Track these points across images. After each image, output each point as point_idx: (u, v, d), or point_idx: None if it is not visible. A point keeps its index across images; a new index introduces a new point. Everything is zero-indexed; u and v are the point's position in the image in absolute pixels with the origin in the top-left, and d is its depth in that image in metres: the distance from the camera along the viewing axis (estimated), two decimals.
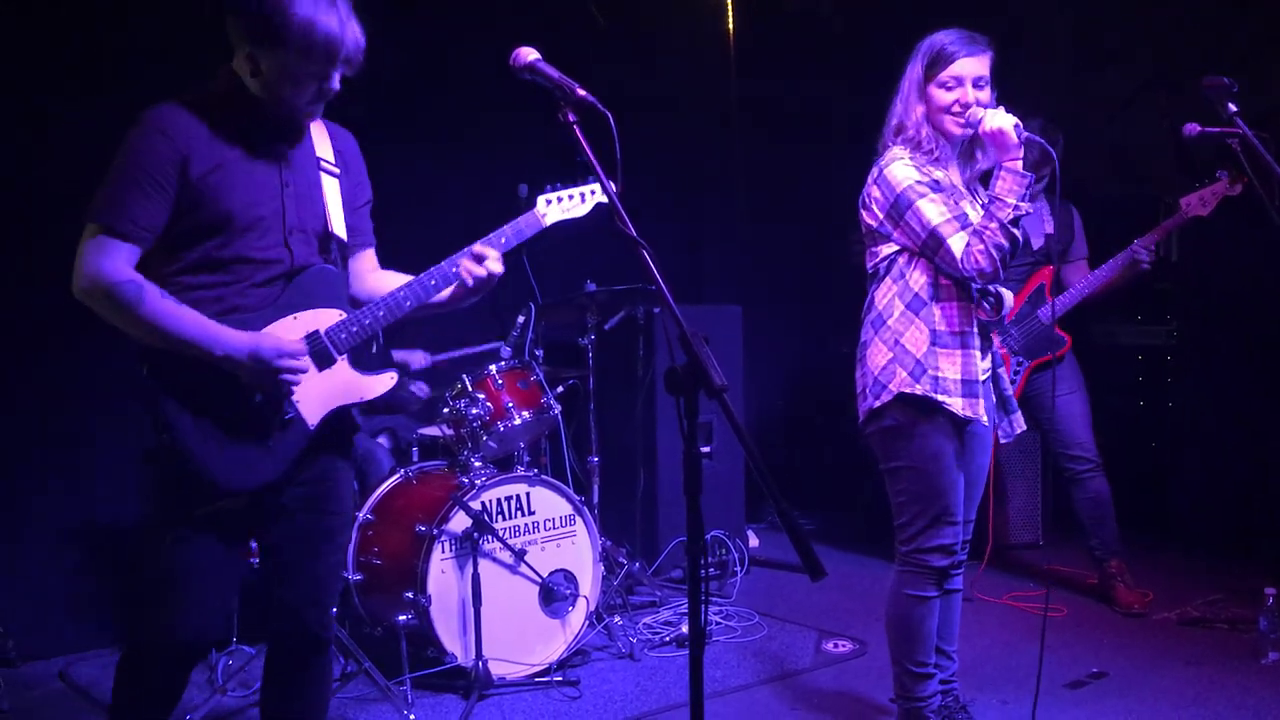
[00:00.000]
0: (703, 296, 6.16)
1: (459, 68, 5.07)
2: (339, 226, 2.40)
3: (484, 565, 3.57)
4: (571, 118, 2.00)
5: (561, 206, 2.56)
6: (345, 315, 2.36)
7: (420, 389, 4.77)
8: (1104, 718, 3.34)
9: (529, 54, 2.08)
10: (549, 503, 3.83)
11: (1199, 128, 3.28)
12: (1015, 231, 2.73)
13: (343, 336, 2.34)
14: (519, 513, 3.76)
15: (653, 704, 3.50)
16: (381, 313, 2.37)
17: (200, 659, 2.41)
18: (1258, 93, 4.20)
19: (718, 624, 4.25)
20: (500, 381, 3.91)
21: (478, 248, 2.42)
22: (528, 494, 3.79)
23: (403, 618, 3.52)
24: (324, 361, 2.32)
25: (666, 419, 4.96)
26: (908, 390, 2.82)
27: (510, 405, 3.88)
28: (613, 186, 1.93)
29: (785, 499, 1.77)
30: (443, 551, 3.58)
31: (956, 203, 2.84)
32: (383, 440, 4.45)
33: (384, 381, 2.43)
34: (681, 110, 6.12)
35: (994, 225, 2.71)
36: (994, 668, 3.73)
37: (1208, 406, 5.53)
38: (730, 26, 6.24)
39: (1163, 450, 5.72)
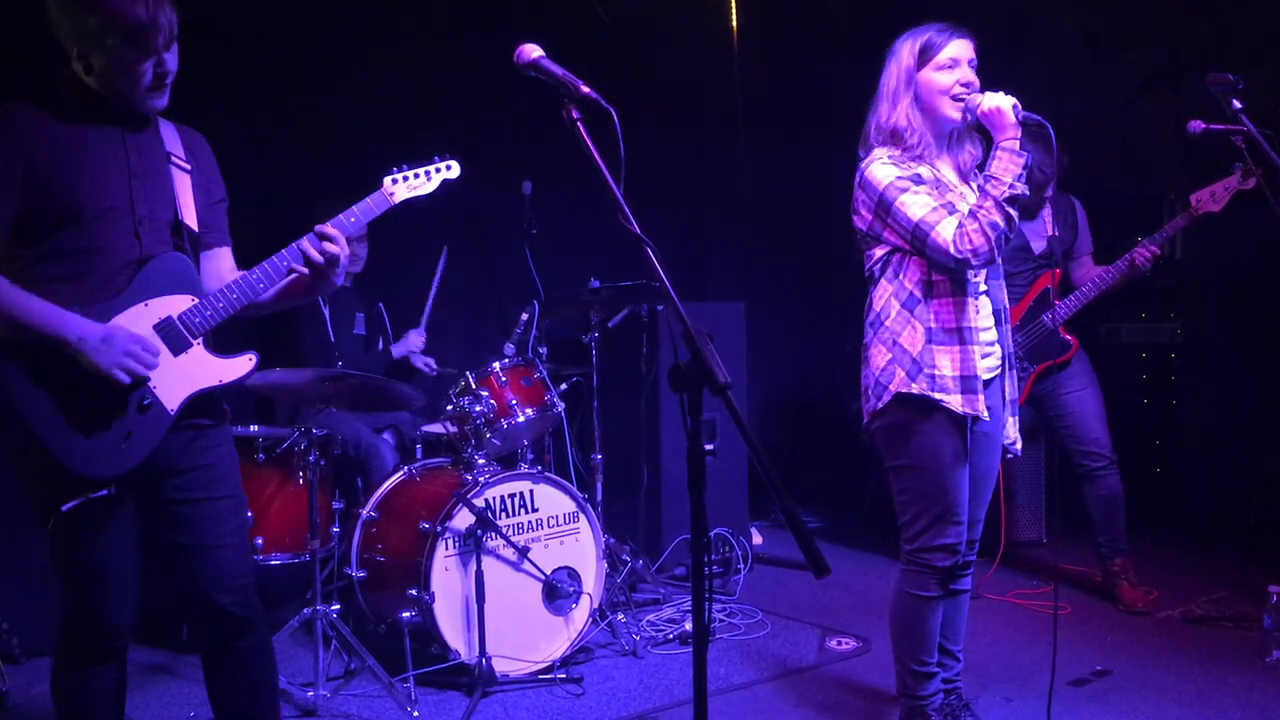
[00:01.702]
0: (706, 293, 6.17)
1: (462, 63, 5.07)
2: (190, 217, 2.43)
3: (487, 562, 3.57)
4: (575, 114, 2.00)
5: (409, 185, 2.64)
6: (198, 300, 2.38)
7: (428, 366, 4.77)
8: (1108, 715, 3.33)
9: (533, 51, 2.07)
10: (552, 500, 3.83)
11: (1204, 124, 3.28)
12: (1011, 211, 2.70)
13: (196, 321, 2.37)
14: (522, 510, 3.76)
15: (656, 701, 3.50)
16: (235, 295, 2.39)
17: (118, 646, 2.44)
18: (1267, 91, 4.20)
19: (721, 621, 4.25)
20: (504, 379, 3.91)
21: (321, 227, 2.43)
22: (531, 491, 3.79)
23: (406, 614, 3.53)
24: (179, 346, 2.35)
25: (670, 416, 4.96)
26: (904, 390, 2.82)
27: (514, 402, 3.88)
28: (615, 183, 1.92)
29: (789, 496, 1.77)
30: (446, 548, 3.58)
31: (943, 195, 2.82)
32: (387, 437, 4.46)
33: (242, 364, 2.44)
34: (685, 106, 6.12)
35: (989, 204, 2.69)
36: (998, 665, 3.73)
37: (1212, 404, 5.52)
38: (734, 22, 6.23)
39: (1167, 448, 5.71)
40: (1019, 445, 3.05)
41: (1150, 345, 5.74)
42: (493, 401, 3.85)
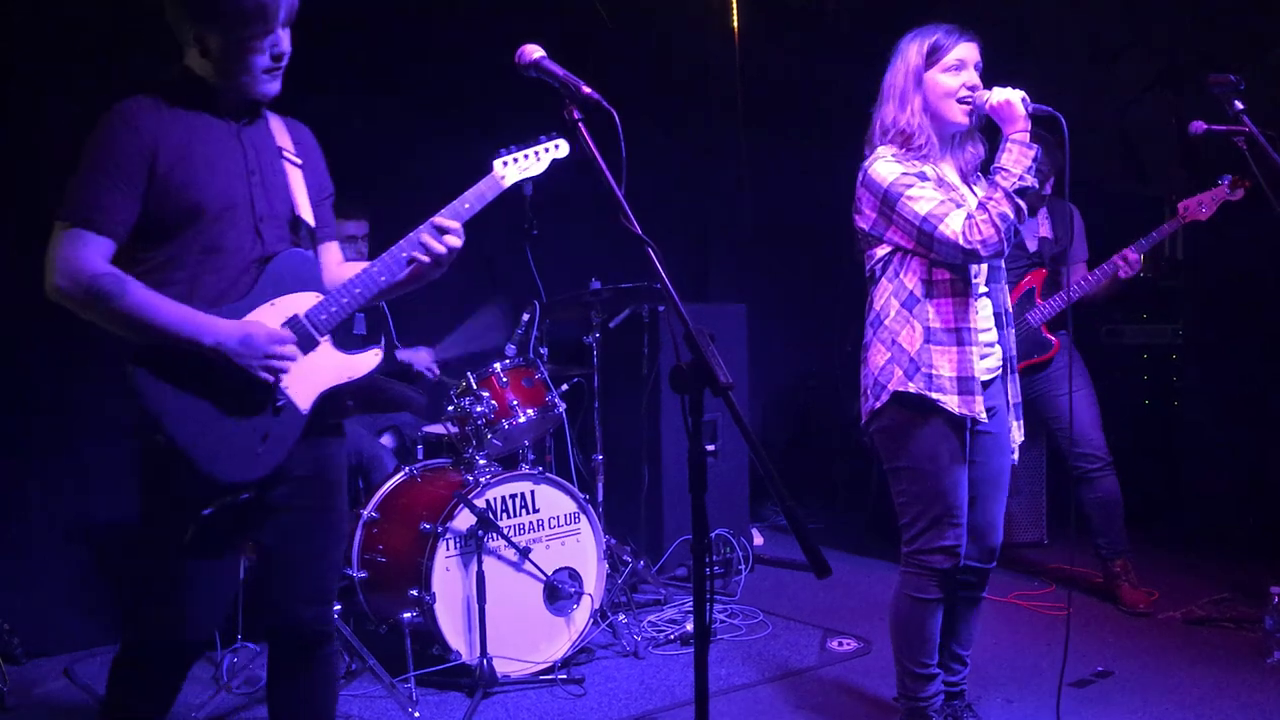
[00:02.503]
0: (708, 295, 6.16)
1: (462, 62, 5.08)
2: (306, 212, 2.40)
3: (489, 563, 3.57)
4: (577, 115, 2.00)
5: (519, 166, 2.56)
6: (323, 297, 2.35)
7: (430, 370, 4.76)
8: (1109, 716, 3.33)
9: (534, 51, 2.08)
10: (553, 501, 3.83)
11: (1205, 125, 3.27)
12: (1020, 202, 2.70)
13: (323, 318, 2.33)
14: (523, 511, 3.76)
15: (657, 702, 3.50)
16: (358, 290, 2.36)
17: (199, 657, 2.40)
18: (1270, 90, 4.19)
19: (722, 622, 4.25)
20: (505, 379, 3.91)
21: (439, 219, 2.40)
22: (532, 492, 3.79)
23: (407, 615, 3.53)
24: (307, 345, 2.32)
25: (671, 417, 4.96)
26: (902, 389, 2.82)
27: (515, 403, 3.88)
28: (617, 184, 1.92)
29: (790, 497, 1.77)
30: (447, 549, 3.58)
31: (947, 193, 2.81)
32: (387, 438, 4.46)
33: (369, 359, 2.42)
34: (687, 106, 6.12)
35: (999, 194, 2.69)
36: (999, 667, 3.72)
37: (1213, 405, 5.52)
38: (735, 23, 6.23)
39: (1169, 449, 5.71)
40: (1017, 454, 3.04)
41: (1152, 346, 5.74)
42: (494, 402, 3.85)
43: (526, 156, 2.57)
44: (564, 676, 3.67)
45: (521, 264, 4.66)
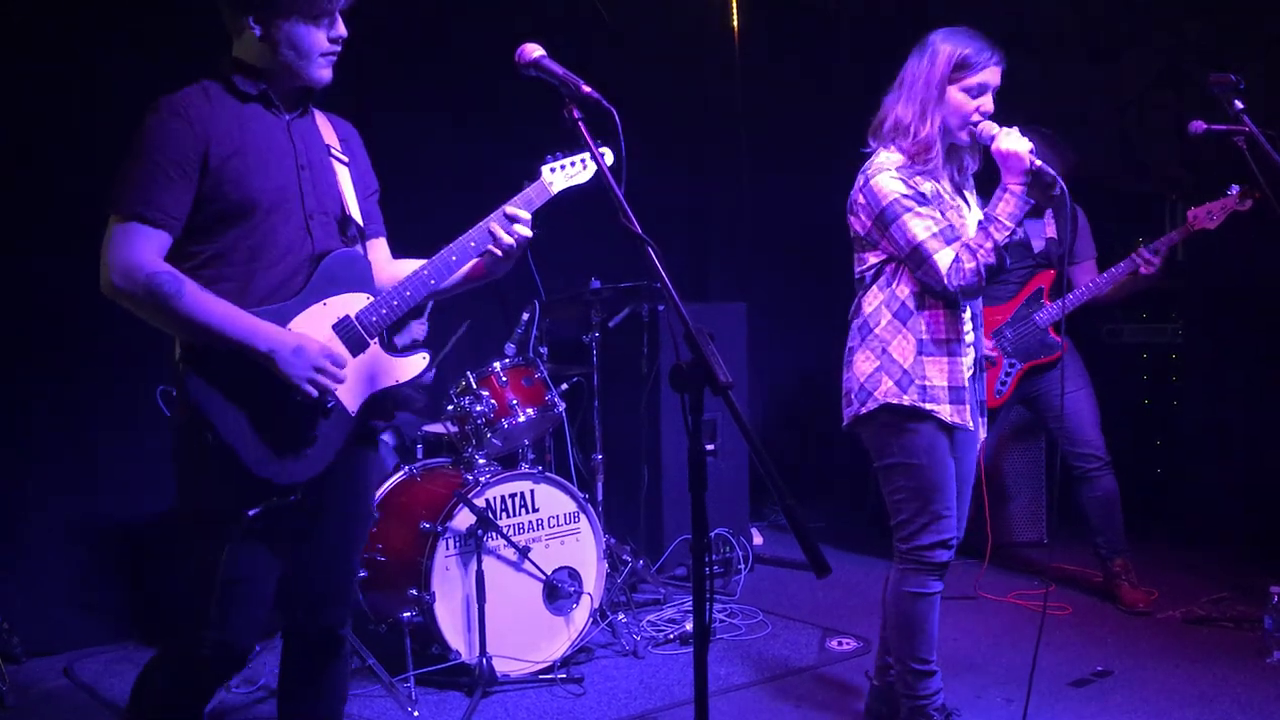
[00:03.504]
0: (707, 294, 6.16)
1: (462, 62, 5.07)
2: (355, 210, 2.37)
3: (488, 562, 3.57)
4: (576, 114, 2.00)
5: (566, 174, 2.52)
6: (374, 298, 2.33)
7: (418, 331, 4.74)
8: (1108, 716, 3.33)
9: (534, 50, 2.07)
10: (553, 500, 3.83)
11: (1205, 125, 3.27)
12: (1005, 254, 2.75)
13: (373, 320, 2.31)
14: (523, 510, 3.76)
15: (657, 701, 3.50)
16: (409, 292, 2.34)
17: (243, 666, 2.33)
18: (1268, 90, 4.19)
19: (722, 622, 4.25)
20: (504, 379, 3.91)
21: (509, 208, 2.38)
22: (532, 491, 3.79)
23: (407, 614, 3.52)
24: (358, 347, 2.30)
25: (671, 416, 4.96)
26: (894, 401, 2.85)
27: (514, 402, 3.88)
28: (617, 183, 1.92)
29: (790, 496, 1.77)
30: (447, 548, 3.58)
31: (944, 214, 2.83)
32: (387, 437, 4.45)
33: (416, 363, 2.40)
34: (686, 106, 6.11)
35: (989, 245, 2.73)
36: (998, 666, 3.72)
37: (1214, 405, 5.52)
38: (735, 23, 6.23)
39: (1169, 448, 5.71)
40: (983, 434, 3.10)
41: (1152, 346, 5.74)
42: (493, 401, 3.85)
43: (574, 164, 2.53)
44: (563, 676, 3.67)
45: (521, 263, 4.65)
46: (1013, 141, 2.71)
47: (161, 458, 2.42)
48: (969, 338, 2.94)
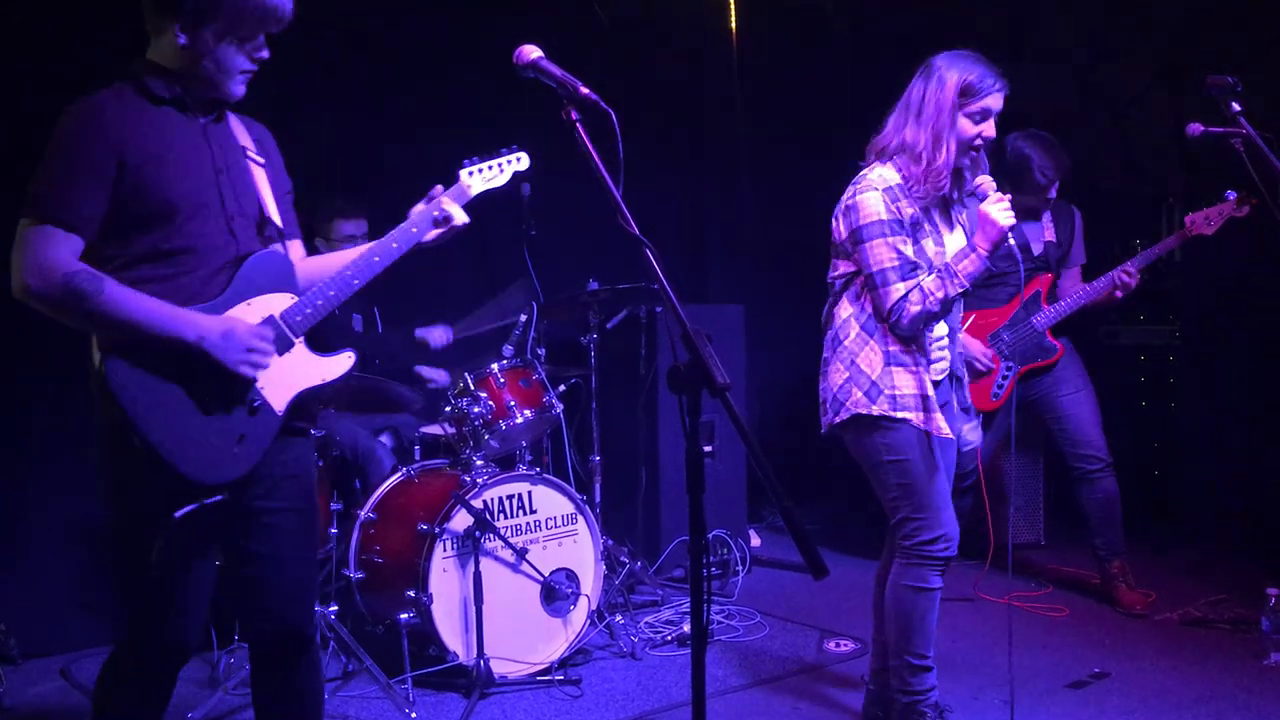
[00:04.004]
0: (705, 295, 6.16)
1: (461, 63, 5.07)
2: (273, 211, 2.38)
3: (486, 564, 3.57)
4: (575, 116, 2.00)
5: (484, 177, 2.60)
6: (297, 298, 2.34)
7: (439, 376, 4.74)
8: (1105, 717, 3.33)
9: (532, 52, 2.07)
10: (551, 501, 3.83)
11: (1202, 127, 3.28)
12: (951, 305, 2.85)
13: (298, 319, 2.32)
14: (521, 511, 3.76)
15: (654, 703, 3.50)
16: (333, 292, 2.35)
17: (186, 660, 2.36)
18: (1270, 91, 4.19)
19: (719, 623, 4.25)
20: (502, 380, 3.91)
21: (417, 222, 2.44)
22: (529, 493, 3.79)
23: (404, 616, 3.52)
24: (283, 346, 2.30)
25: (669, 418, 4.96)
26: (863, 412, 2.91)
27: (512, 404, 3.88)
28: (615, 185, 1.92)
29: (787, 497, 1.77)
30: (444, 550, 3.58)
31: (918, 242, 2.89)
32: (384, 439, 4.45)
33: (342, 362, 2.41)
34: (684, 107, 6.11)
35: (939, 294, 2.80)
36: (996, 668, 3.72)
37: (1210, 406, 5.52)
38: (733, 24, 6.23)
39: (1165, 450, 5.71)
40: (975, 437, 3.17)
41: (1148, 348, 5.74)
42: (491, 403, 3.85)
43: (491, 167, 2.62)
44: (561, 677, 3.67)
45: (519, 264, 4.66)
46: (997, 212, 2.76)
47: None
48: (943, 342, 3.00)
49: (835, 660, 3.87)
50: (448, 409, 3.89)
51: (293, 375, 2.31)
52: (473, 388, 3.86)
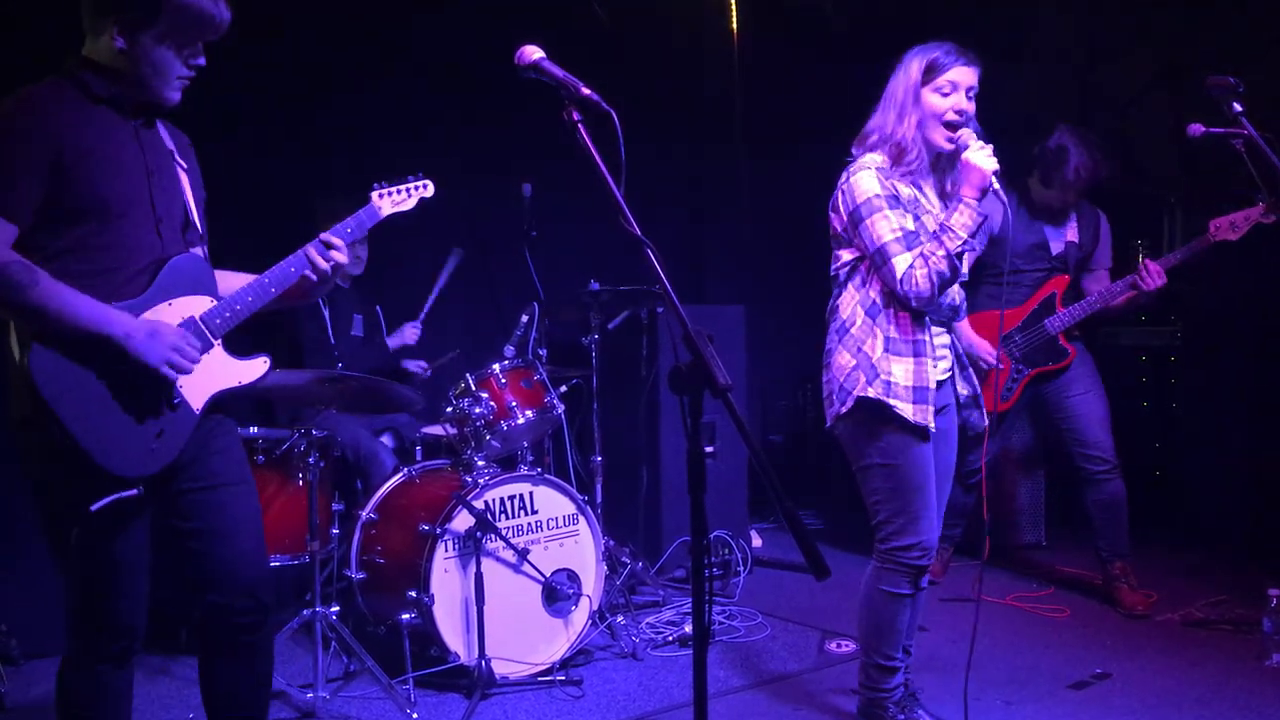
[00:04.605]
0: (706, 296, 6.16)
1: (462, 64, 5.08)
2: (196, 216, 2.44)
3: (487, 564, 3.57)
4: (576, 116, 2.00)
5: (392, 200, 2.76)
6: (216, 301, 2.39)
7: (419, 367, 4.78)
8: (1107, 718, 3.33)
9: (533, 52, 2.08)
10: (552, 502, 3.83)
11: (1204, 127, 3.28)
12: (958, 263, 2.82)
13: (217, 322, 2.38)
14: (522, 512, 3.76)
15: (656, 704, 3.50)
16: (250, 298, 2.42)
17: (131, 648, 2.39)
18: (1270, 91, 4.18)
19: (721, 624, 4.25)
20: (504, 381, 3.91)
21: (326, 235, 2.51)
22: (531, 493, 3.79)
23: (406, 616, 3.52)
24: (203, 348, 2.35)
25: (670, 418, 4.96)
26: (864, 394, 2.91)
27: (514, 404, 3.88)
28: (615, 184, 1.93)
29: (789, 498, 1.77)
30: (446, 550, 3.58)
31: (917, 218, 2.90)
32: (386, 439, 4.45)
33: (257, 367, 2.47)
34: (685, 107, 6.12)
35: (940, 253, 2.79)
36: (997, 668, 3.72)
37: (1212, 408, 5.52)
38: (734, 25, 6.23)
39: (1167, 451, 5.71)
40: (981, 421, 3.15)
41: (1150, 348, 5.74)
42: (492, 403, 3.85)
43: (399, 192, 2.77)
44: (562, 678, 3.67)
45: (520, 265, 4.67)
46: (980, 157, 2.78)
47: None
48: (944, 339, 3.01)
49: (837, 660, 3.87)
50: (449, 409, 3.89)
51: (211, 376, 2.38)
52: (474, 388, 3.86)
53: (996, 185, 2.78)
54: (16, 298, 2.10)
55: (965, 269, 2.93)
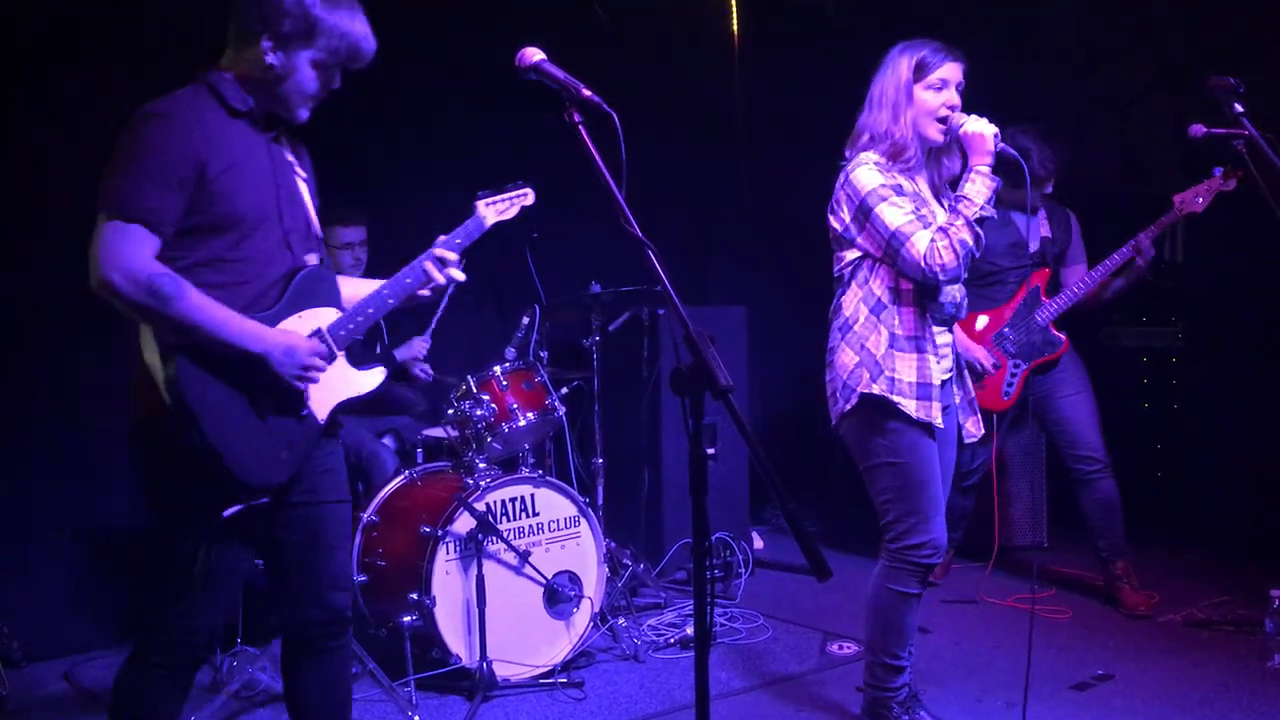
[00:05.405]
0: (707, 297, 6.16)
1: (463, 66, 5.07)
2: (318, 228, 2.48)
3: (488, 566, 3.57)
4: (577, 118, 2.01)
5: (496, 209, 2.76)
6: (342, 313, 2.43)
7: (425, 372, 4.76)
8: (1109, 719, 3.33)
9: (534, 54, 2.08)
10: (553, 504, 3.83)
11: (1205, 128, 3.28)
12: (979, 230, 2.83)
13: (341, 334, 2.41)
14: (523, 514, 3.75)
15: (657, 706, 3.50)
16: (371, 310, 2.46)
17: (205, 659, 2.44)
18: (1270, 91, 4.18)
19: (722, 626, 4.25)
20: (505, 383, 3.90)
21: (440, 251, 2.55)
22: (532, 495, 3.79)
23: (407, 619, 3.52)
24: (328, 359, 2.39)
25: (671, 420, 4.96)
26: (868, 391, 2.92)
27: (515, 407, 3.88)
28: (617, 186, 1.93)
29: (791, 499, 1.77)
30: (447, 553, 3.58)
31: (919, 208, 2.91)
32: (387, 441, 4.45)
33: (377, 376, 2.52)
34: (686, 110, 6.11)
35: (960, 222, 2.81)
36: (999, 669, 3.72)
37: (1213, 408, 5.51)
38: (735, 27, 6.23)
39: (1168, 452, 5.70)
40: (978, 430, 3.17)
41: (1151, 349, 5.74)
42: (494, 405, 3.84)
43: (503, 201, 2.77)
44: (564, 680, 3.67)
45: (522, 267, 4.67)
46: (977, 125, 2.84)
47: None
48: (944, 337, 3.02)
49: (839, 662, 3.87)
50: (450, 411, 3.88)
51: (334, 387, 2.42)
52: (475, 390, 3.86)
53: (1002, 144, 2.82)
54: (164, 309, 2.13)
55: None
